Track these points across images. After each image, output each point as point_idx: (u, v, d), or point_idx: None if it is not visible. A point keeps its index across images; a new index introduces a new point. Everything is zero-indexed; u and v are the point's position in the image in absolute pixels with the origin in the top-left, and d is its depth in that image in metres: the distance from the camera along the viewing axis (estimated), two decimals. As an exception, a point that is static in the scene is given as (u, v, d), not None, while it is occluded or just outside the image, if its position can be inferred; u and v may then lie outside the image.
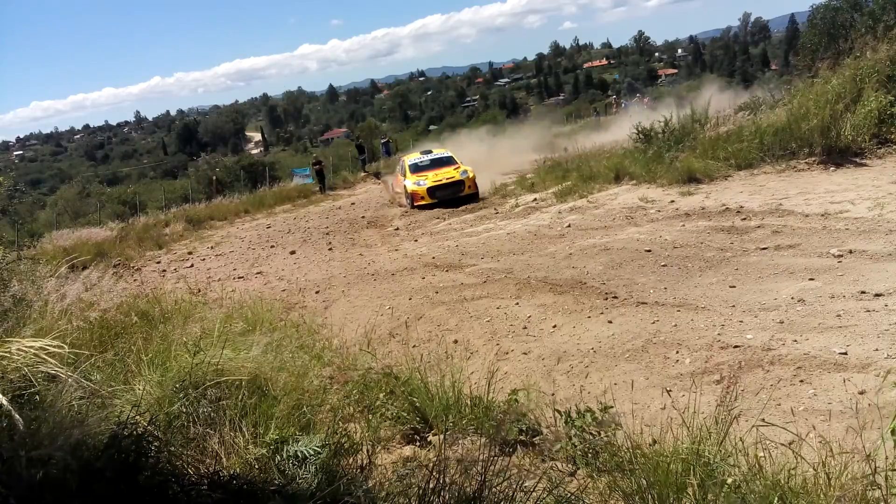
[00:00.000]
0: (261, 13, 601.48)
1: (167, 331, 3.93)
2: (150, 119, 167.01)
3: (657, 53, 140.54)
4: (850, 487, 2.01)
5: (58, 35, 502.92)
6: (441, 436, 3.02)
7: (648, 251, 6.92)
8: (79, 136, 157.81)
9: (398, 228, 12.41)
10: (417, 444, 3.14)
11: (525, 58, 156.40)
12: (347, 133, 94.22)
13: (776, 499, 2.06)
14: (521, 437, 3.04)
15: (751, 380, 3.80)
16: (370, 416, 3.20)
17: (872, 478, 2.00)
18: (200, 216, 19.28)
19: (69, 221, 22.96)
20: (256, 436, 2.63)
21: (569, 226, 9.05)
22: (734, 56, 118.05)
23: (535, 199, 11.90)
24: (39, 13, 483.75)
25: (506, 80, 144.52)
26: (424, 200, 14.26)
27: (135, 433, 2.14)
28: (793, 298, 4.88)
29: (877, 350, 3.85)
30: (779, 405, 3.46)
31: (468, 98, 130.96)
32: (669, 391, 3.21)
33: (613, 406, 3.03)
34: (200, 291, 7.19)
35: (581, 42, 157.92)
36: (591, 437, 2.82)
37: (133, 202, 25.72)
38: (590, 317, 5.41)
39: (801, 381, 3.70)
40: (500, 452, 2.84)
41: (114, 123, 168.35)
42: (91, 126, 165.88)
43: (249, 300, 6.04)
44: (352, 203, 18.05)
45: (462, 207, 13.24)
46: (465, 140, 24.32)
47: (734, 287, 5.42)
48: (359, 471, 2.57)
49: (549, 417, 3.18)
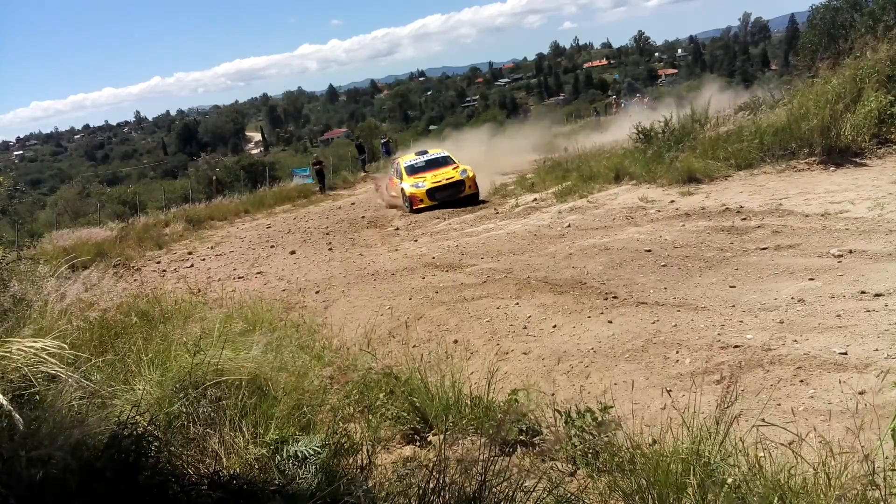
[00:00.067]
0: (261, 13, 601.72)
1: (167, 331, 3.93)
2: (150, 119, 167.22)
3: (657, 53, 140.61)
4: (850, 487, 2.01)
5: (58, 35, 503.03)
6: (441, 436, 3.02)
7: (648, 251, 6.91)
8: (79, 136, 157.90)
9: (398, 228, 12.41)
10: (417, 444, 3.14)
11: (525, 58, 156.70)
12: (347, 133, 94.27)
13: (776, 499, 2.06)
14: (521, 437, 3.04)
15: (751, 380, 3.80)
16: (370, 416, 3.20)
17: (872, 478, 2.00)
18: (200, 216, 19.31)
19: (69, 221, 22.98)
20: (256, 436, 2.63)
21: (569, 226, 9.05)
22: (734, 56, 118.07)
23: (535, 199, 11.91)
24: (39, 13, 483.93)
25: (506, 80, 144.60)
26: (424, 203, 13.59)
27: (135, 433, 2.15)
28: (793, 298, 4.88)
29: (877, 350, 3.85)
30: (779, 405, 3.46)
31: (468, 98, 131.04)
32: (669, 391, 3.21)
33: (613, 406, 3.04)
34: (200, 291, 7.19)
35: (581, 42, 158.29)
36: (591, 437, 2.82)
37: (133, 202, 25.76)
38: (590, 317, 5.40)
39: (801, 381, 3.69)
40: (500, 452, 2.84)
41: (114, 123, 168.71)
42: (91, 126, 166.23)
43: (249, 300, 6.04)
44: (352, 203, 18.05)
45: (462, 207, 13.13)
46: (465, 140, 24.23)
47: (734, 287, 5.42)
48: (359, 471, 2.58)
49: (549, 417, 3.18)
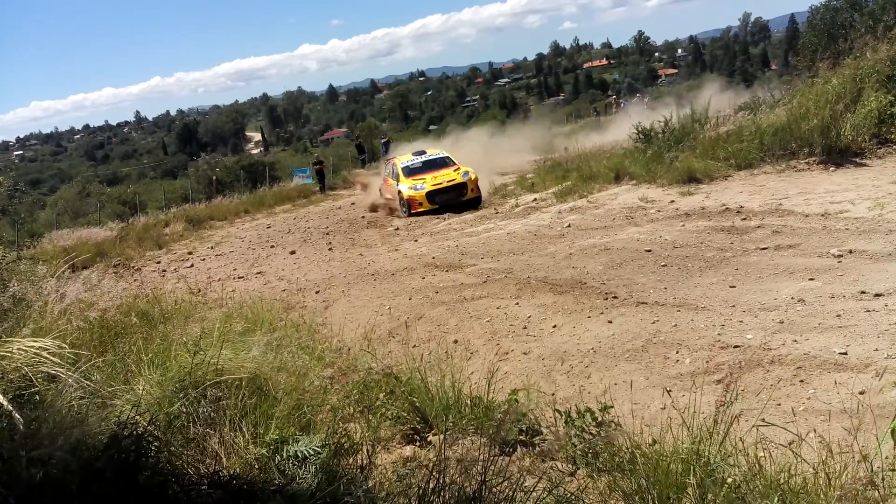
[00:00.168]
0: (261, 13, 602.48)
1: (167, 331, 3.93)
2: (150, 119, 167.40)
3: (657, 53, 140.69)
4: (850, 487, 2.01)
5: (58, 35, 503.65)
6: (441, 436, 3.02)
7: (648, 251, 6.91)
8: (79, 136, 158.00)
9: (398, 228, 12.40)
10: (417, 444, 3.14)
11: (525, 58, 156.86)
12: (347, 133, 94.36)
13: (776, 499, 2.06)
14: (521, 437, 3.04)
15: (751, 380, 3.80)
16: (370, 416, 3.20)
17: (871, 478, 2.00)
18: (200, 216, 19.32)
19: (69, 221, 23.01)
20: (256, 436, 2.63)
21: (569, 226, 9.04)
22: (734, 56, 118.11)
23: (535, 199, 11.90)
24: (39, 13, 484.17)
25: (506, 80, 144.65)
26: (423, 207, 12.93)
27: (135, 433, 2.15)
28: (793, 298, 4.88)
29: (877, 350, 3.85)
30: (779, 405, 3.46)
31: (468, 98, 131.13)
32: (669, 391, 3.22)
33: (613, 406, 3.04)
34: (200, 291, 7.19)
35: (581, 42, 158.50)
36: (591, 437, 2.82)
37: (133, 202, 25.81)
38: (590, 317, 5.40)
39: (801, 381, 3.69)
40: (500, 452, 2.84)
41: (114, 123, 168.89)
42: (91, 126, 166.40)
43: (249, 300, 6.04)
44: (352, 203, 18.04)
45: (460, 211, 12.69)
46: (464, 140, 24.19)
47: (734, 287, 5.42)
48: (359, 471, 2.57)
49: (549, 417, 3.17)
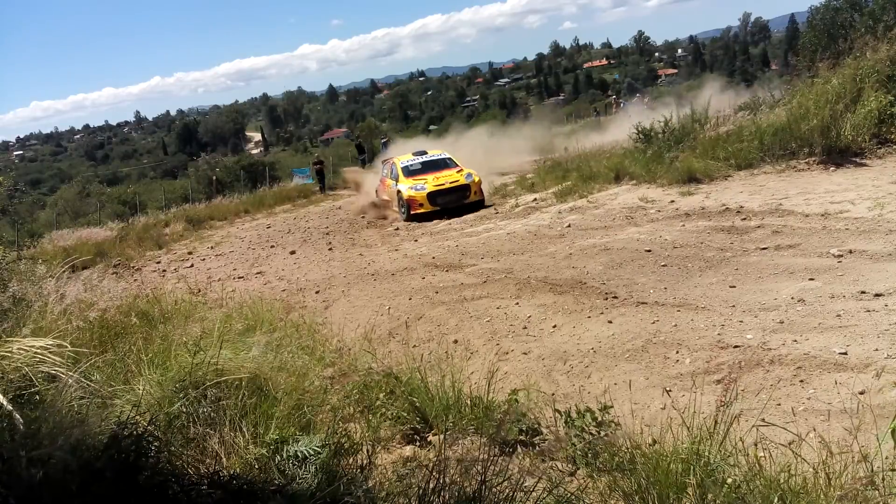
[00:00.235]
0: (261, 13, 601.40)
1: (167, 331, 3.93)
2: (150, 119, 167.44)
3: (657, 53, 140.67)
4: (850, 487, 2.01)
5: (58, 35, 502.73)
6: (441, 436, 3.02)
7: (648, 251, 6.91)
8: (79, 136, 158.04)
9: (398, 228, 12.41)
10: (417, 444, 3.14)
11: (525, 58, 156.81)
12: (347, 133, 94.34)
13: (776, 499, 2.06)
14: (521, 437, 3.04)
15: (751, 380, 3.80)
16: (370, 416, 3.20)
17: (872, 478, 2.00)
18: (200, 216, 19.34)
19: (69, 221, 23.05)
20: (256, 436, 2.63)
21: (569, 226, 9.04)
22: (734, 56, 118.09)
23: (535, 199, 11.90)
24: (39, 13, 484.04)
25: (506, 80, 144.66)
26: (424, 208, 12.59)
27: (135, 433, 2.15)
28: (793, 298, 4.88)
29: (877, 350, 3.85)
30: (779, 405, 3.46)
31: (468, 98, 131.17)
32: (669, 391, 3.22)
33: (613, 406, 3.03)
34: (200, 291, 7.19)
35: (581, 42, 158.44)
36: (591, 437, 2.82)
37: (133, 202, 25.85)
38: (590, 317, 5.40)
39: (801, 381, 3.69)
40: (500, 452, 2.84)
41: (114, 123, 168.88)
42: (91, 126, 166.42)
43: (249, 300, 6.04)
44: (352, 203, 18.04)
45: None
46: (464, 140, 24.16)
47: (734, 287, 5.42)
48: (359, 471, 2.57)
49: (549, 417, 3.17)
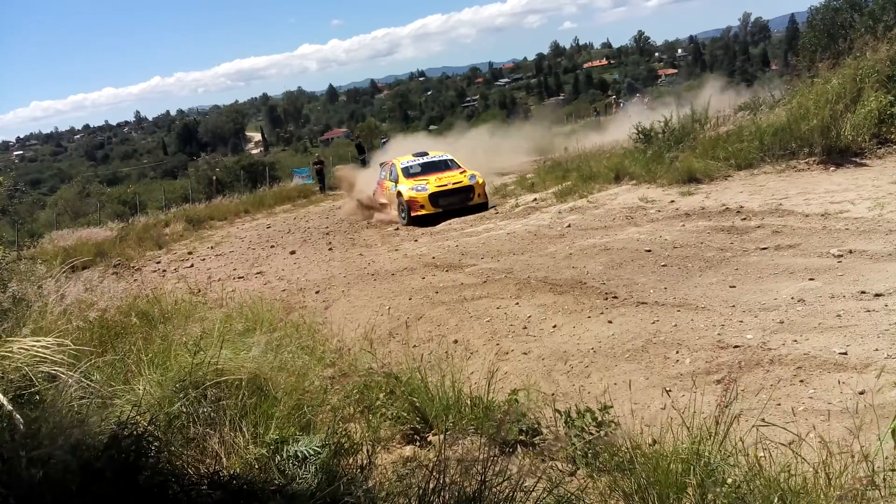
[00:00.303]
0: (261, 13, 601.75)
1: (167, 331, 3.93)
2: (150, 119, 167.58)
3: (657, 53, 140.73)
4: (850, 487, 2.01)
5: (58, 35, 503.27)
6: (441, 436, 3.02)
7: (648, 251, 6.91)
8: (79, 136, 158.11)
9: (398, 228, 12.41)
10: (417, 444, 3.14)
11: (525, 58, 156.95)
12: (347, 133, 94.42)
13: (776, 499, 2.06)
14: (521, 437, 3.04)
15: (751, 380, 3.80)
16: (370, 416, 3.20)
17: (872, 478, 2.00)
18: (200, 216, 19.36)
19: (69, 221, 23.05)
20: (256, 436, 2.63)
21: (569, 226, 9.04)
22: (734, 56, 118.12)
23: (535, 199, 11.90)
24: (39, 13, 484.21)
25: (506, 80, 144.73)
26: (425, 210, 12.16)
27: (135, 433, 2.15)
28: (793, 298, 4.88)
29: (877, 350, 3.85)
30: (779, 405, 3.46)
31: (468, 98, 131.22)
32: (669, 391, 3.22)
33: (613, 406, 3.03)
34: (200, 291, 7.19)
35: (581, 42, 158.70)
36: (591, 437, 2.82)
37: (133, 202, 25.86)
38: (590, 317, 5.40)
39: (801, 381, 3.69)
40: (500, 452, 2.84)
41: (114, 123, 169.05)
42: (91, 126, 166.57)
43: (249, 300, 6.04)
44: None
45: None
46: (464, 140, 24.16)
47: (734, 287, 5.42)
48: (359, 471, 2.57)
49: (549, 417, 3.17)
